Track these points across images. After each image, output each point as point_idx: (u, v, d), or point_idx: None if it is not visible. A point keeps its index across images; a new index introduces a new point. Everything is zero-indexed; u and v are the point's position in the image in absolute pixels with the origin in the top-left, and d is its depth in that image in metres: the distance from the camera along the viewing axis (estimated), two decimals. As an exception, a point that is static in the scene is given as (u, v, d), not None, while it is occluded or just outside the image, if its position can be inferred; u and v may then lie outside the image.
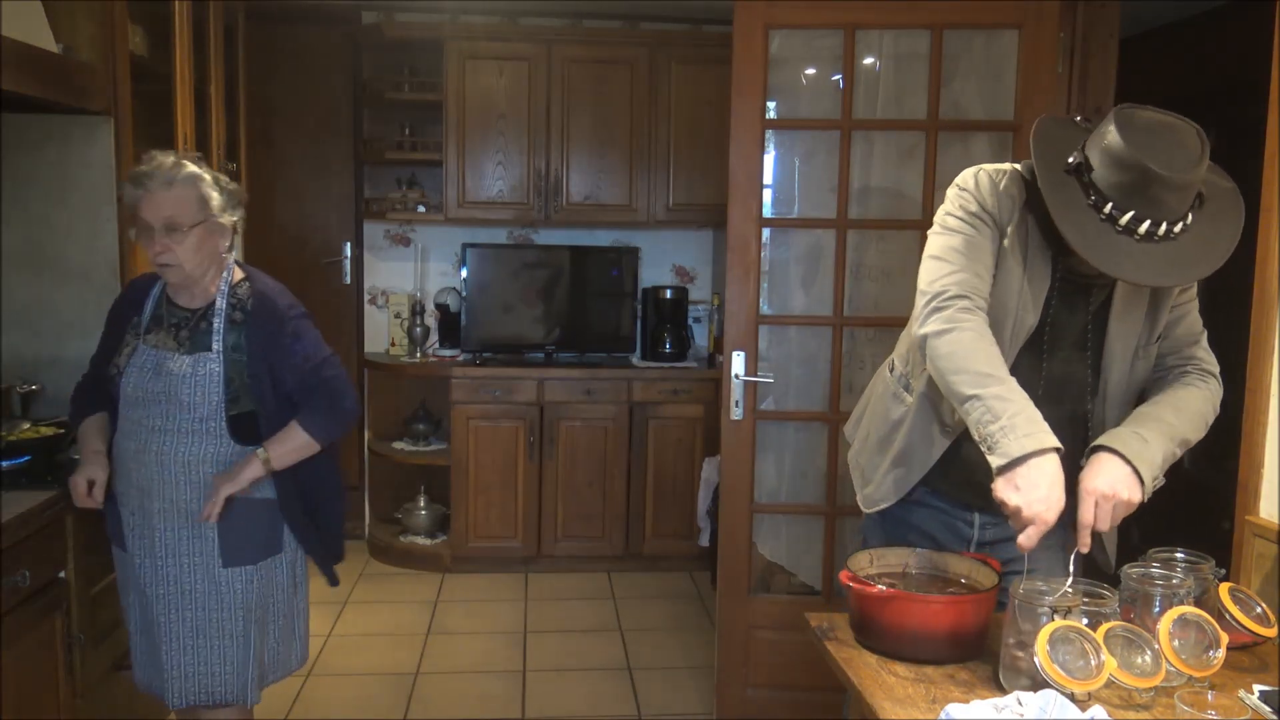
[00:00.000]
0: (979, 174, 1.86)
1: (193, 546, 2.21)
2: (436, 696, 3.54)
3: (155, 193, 2.14)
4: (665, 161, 4.91)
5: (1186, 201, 1.63)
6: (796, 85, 3.19)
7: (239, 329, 2.23)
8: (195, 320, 2.24)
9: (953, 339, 1.72)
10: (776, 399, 3.21)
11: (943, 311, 1.75)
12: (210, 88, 3.61)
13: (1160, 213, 1.62)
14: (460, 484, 4.69)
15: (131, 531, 2.25)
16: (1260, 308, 2.27)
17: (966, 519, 2.05)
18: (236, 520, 2.21)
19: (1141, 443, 1.72)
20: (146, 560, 2.23)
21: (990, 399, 1.64)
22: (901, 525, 2.09)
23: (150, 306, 2.27)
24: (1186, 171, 1.60)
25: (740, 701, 3.25)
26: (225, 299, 2.25)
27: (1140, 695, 1.55)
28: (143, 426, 2.20)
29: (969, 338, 1.71)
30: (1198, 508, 3.63)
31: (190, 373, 2.18)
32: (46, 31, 2.66)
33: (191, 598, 2.22)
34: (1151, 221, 1.62)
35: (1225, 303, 2.44)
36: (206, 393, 2.18)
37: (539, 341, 5.08)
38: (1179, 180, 1.60)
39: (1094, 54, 3.34)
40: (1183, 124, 1.65)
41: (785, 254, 3.22)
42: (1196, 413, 1.83)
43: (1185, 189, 1.62)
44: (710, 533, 4.45)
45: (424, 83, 4.92)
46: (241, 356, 2.20)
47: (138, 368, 2.20)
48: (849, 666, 1.69)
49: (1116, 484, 1.67)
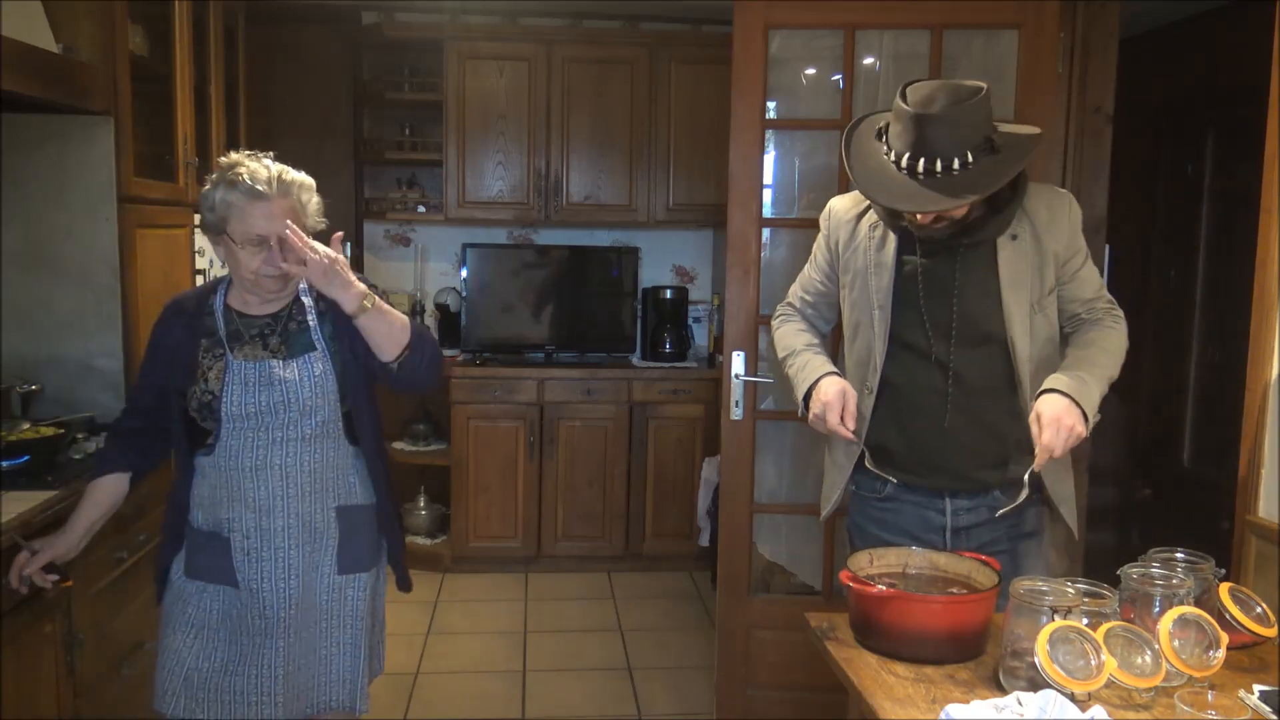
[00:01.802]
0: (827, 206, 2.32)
1: (312, 560, 2.11)
2: (436, 696, 3.55)
3: (272, 201, 1.99)
4: (665, 161, 4.91)
5: (958, 141, 1.88)
6: (796, 85, 3.19)
7: (327, 319, 2.12)
8: (280, 325, 2.10)
9: (775, 328, 2.39)
10: (776, 399, 3.21)
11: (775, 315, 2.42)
12: (210, 88, 3.61)
13: (932, 149, 1.88)
14: (460, 484, 4.69)
15: (246, 557, 2.07)
16: (1260, 308, 2.28)
17: (938, 506, 2.17)
18: (350, 527, 2.15)
19: (1081, 383, 1.99)
20: (265, 585, 2.07)
21: (791, 361, 2.27)
22: (884, 526, 2.21)
23: (221, 324, 2.10)
24: (944, 110, 1.86)
25: (740, 701, 3.25)
26: (310, 293, 2.12)
27: (1140, 695, 1.55)
28: (259, 441, 2.06)
29: (786, 328, 2.36)
30: (1198, 508, 3.63)
31: (306, 376, 2.06)
32: (46, 31, 2.66)
33: (310, 614, 2.11)
34: (925, 159, 1.89)
35: (1226, 302, 2.46)
36: (325, 392, 2.08)
37: (539, 341, 5.08)
38: (937, 116, 1.87)
39: (1094, 54, 3.33)
40: (961, 83, 1.92)
41: (785, 254, 3.22)
42: (1117, 349, 2.12)
43: (949, 126, 1.87)
44: (710, 533, 4.45)
45: (424, 83, 4.92)
46: (339, 346, 2.10)
47: (240, 383, 2.04)
48: (849, 666, 1.69)
49: (1063, 414, 1.94)
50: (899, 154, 1.94)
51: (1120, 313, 2.18)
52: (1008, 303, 2.08)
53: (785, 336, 2.34)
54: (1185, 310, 4.14)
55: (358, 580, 2.17)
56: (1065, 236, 2.11)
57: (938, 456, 2.14)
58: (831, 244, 2.27)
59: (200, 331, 2.10)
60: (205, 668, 2.10)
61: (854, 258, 2.20)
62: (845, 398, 2.11)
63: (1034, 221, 2.09)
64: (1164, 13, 4.19)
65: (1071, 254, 2.13)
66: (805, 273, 2.37)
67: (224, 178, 2.01)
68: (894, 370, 2.16)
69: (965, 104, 1.88)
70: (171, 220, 3.31)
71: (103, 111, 2.87)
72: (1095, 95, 3.38)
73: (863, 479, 2.27)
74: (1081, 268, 2.15)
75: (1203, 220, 4.12)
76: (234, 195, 1.99)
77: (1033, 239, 2.09)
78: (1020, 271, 2.08)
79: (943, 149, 1.88)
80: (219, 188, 2.01)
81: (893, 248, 2.13)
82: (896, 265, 2.12)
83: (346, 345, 2.10)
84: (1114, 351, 2.10)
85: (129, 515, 2.74)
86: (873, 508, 2.25)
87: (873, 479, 2.24)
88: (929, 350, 2.12)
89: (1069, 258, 2.13)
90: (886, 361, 2.15)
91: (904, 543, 2.06)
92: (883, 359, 2.15)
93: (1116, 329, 2.14)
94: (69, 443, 2.68)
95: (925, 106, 1.89)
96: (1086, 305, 2.16)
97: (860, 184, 2.05)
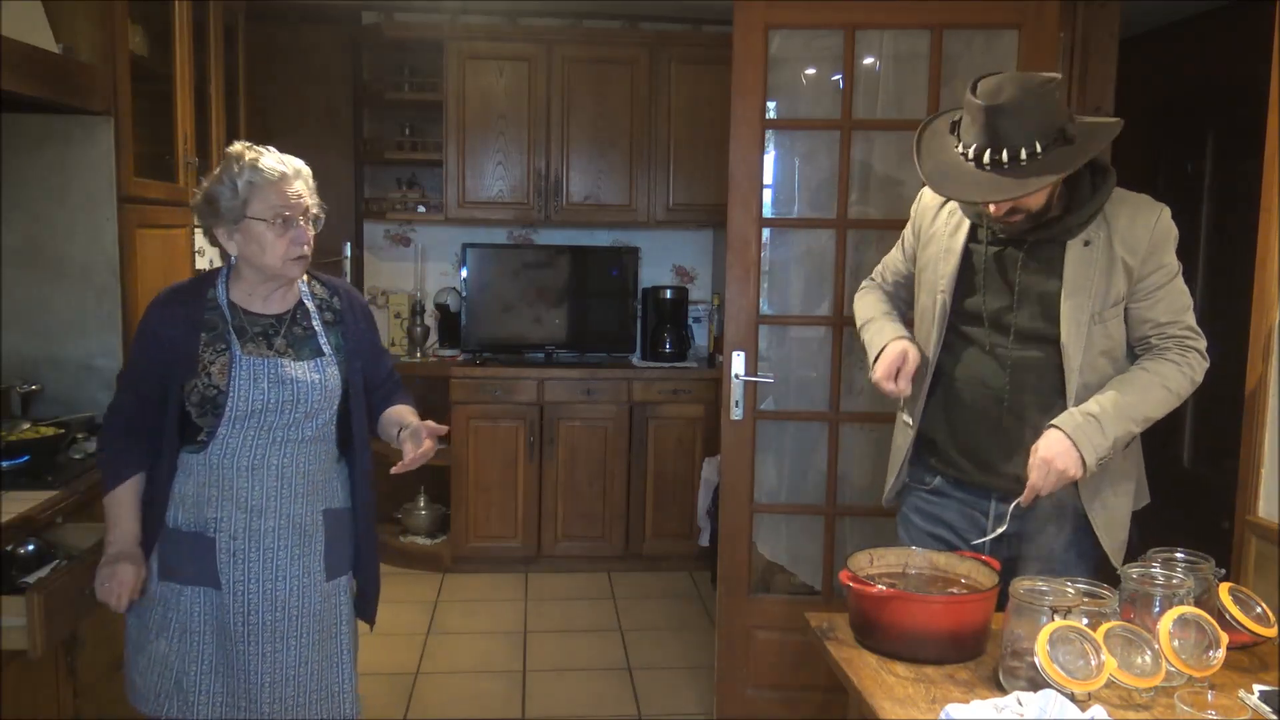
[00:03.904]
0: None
1: (301, 563, 2.09)
2: (436, 696, 3.54)
3: (293, 181, 2.01)
4: (665, 161, 4.90)
5: (1028, 131, 1.86)
6: (796, 85, 3.19)
7: (334, 330, 2.13)
8: (284, 326, 2.09)
9: (858, 299, 2.41)
10: (776, 399, 3.21)
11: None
12: (210, 88, 3.61)
13: (1001, 140, 1.86)
14: (460, 484, 4.69)
15: (232, 558, 2.04)
16: (1260, 308, 2.28)
17: (984, 508, 2.14)
18: (334, 530, 2.14)
19: (1090, 423, 1.95)
20: (251, 587, 2.04)
21: (867, 327, 2.30)
22: (927, 518, 2.22)
23: (225, 318, 2.06)
24: (1012, 99, 1.85)
25: (740, 701, 3.25)
26: (311, 300, 2.14)
27: (1140, 695, 1.55)
28: (260, 440, 2.04)
29: (868, 299, 2.38)
30: (1198, 508, 3.63)
31: (317, 379, 2.06)
32: (46, 31, 2.66)
33: (299, 621, 2.09)
34: (993, 150, 1.87)
35: (1225, 302, 2.46)
36: (331, 396, 2.09)
37: (539, 341, 5.08)
38: (1005, 106, 1.85)
39: (1094, 54, 3.34)
40: (1032, 74, 1.92)
41: (785, 254, 3.22)
42: (1164, 389, 2.00)
43: (1018, 116, 1.85)
44: (710, 533, 4.45)
45: (424, 83, 4.92)
46: (344, 357, 2.12)
47: (249, 379, 2.02)
48: (849, 666, 1.69)
49: (1055, 458, 1.92)
50: (968, 145, 1.92)
51: (1199, 345, 2.04)
52: (1065, 307, 2.01)
53: (865, 306, 2.36)
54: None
55: (340, 585, 2.18)
56: (1143, 249, 2.00)
57: (984, 451, 2.12)
58: (916, 229, 2.27)
59: (201, 324, 2.05)
60: (194, 670, 2.07)
61: (930, 243, 2.21)
62: (906, 359, 2.11)
63: (1112, 228, 2.01)
64: (1164, 13, 4.19)
65: (1151, 270, 2.02)
66: (891, 254, 2.39)
67: (240, 163, 2.00)
68: (950, 361, 2.15)
69: (1033, 93, 1.86)
70: (171, 220, 3.31)
71: (103, 111, 2.87)
72: (1095, 95, 3.39)
73: (913, 470, 2.27)
74: (1162, 288, 2.03)
75: (1203, 220, 4.12)
76: (258, 176, 1.98)
77: (1106, 246, 2.01)
78: (1085, 277, 2.01)
79: (1012, 139, 1.86)
80: (239, 172, 1.99)
81: (964, 234, 2.12)
82: (964, 252, 2.12)
83: (353, 355, 2.12)
84: (1157, 391, 1.99)
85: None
86: (920, 499, 2.25)
87: (922, 470, 2.25)
88: (985, 342, 2.10)
89: (1148, 273, 2.01)
90: (944, 351, 2.15)
91: (946, 537, 2.11)
92: (939, 347, 2.14)
93: (1177, 366, 2.01)
94: (69, 443, 2.68)
95: (993, 98, 1.86)
96: (1158, 329, 2.03)
97: (930, 179, 2.02)
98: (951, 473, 2.18)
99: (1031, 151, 1.86)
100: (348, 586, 2.21)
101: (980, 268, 2.10)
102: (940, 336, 2.14)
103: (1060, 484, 1.94)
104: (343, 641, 2.18)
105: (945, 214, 2.18)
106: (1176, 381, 2.00)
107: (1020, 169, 1.86)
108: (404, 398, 2.28)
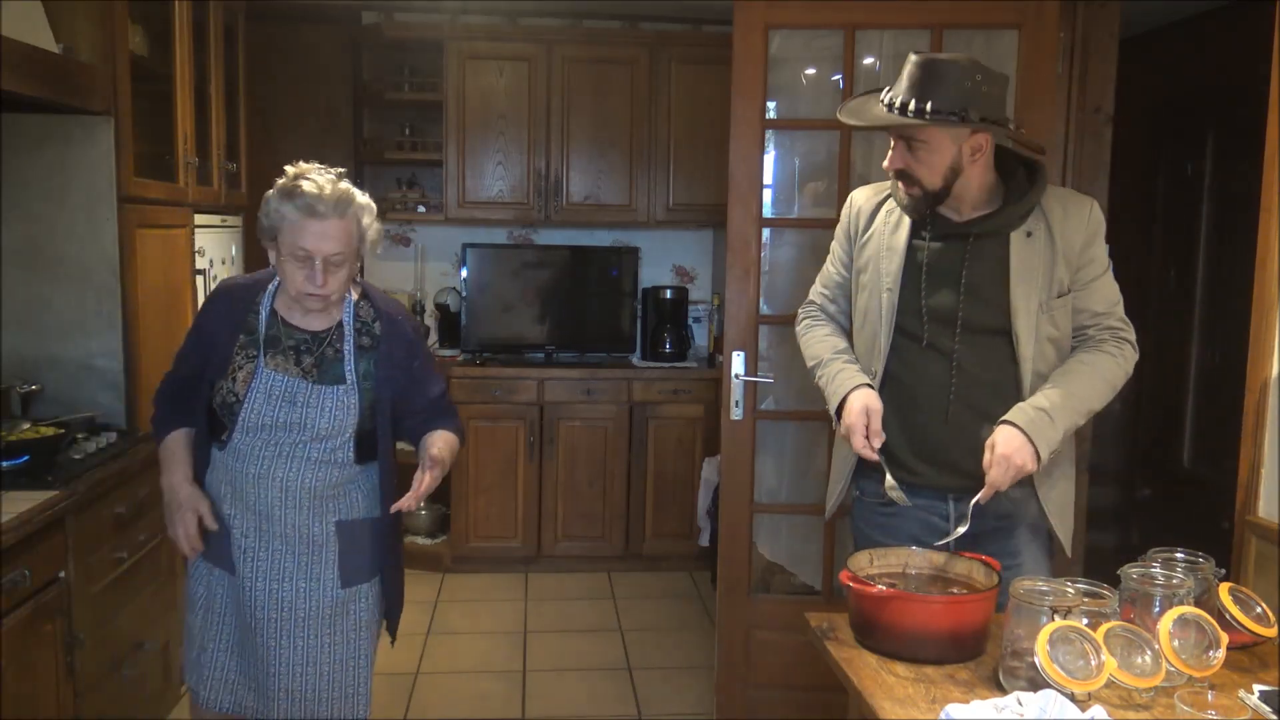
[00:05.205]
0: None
1: (311, 571, 2.11)
2: (436, 696, 3.54)
3: (328, 220, 1.96)
4: (665, 161, 4.91)
5: (939, 95, 1.96)
6: (796, 85, 3.19)
7: (369, 355, 2.11)
8: (319, 346, 2.09)
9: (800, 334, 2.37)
10: (776, 399, 3.21)
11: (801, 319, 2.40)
12: (210, 88, 3.61)
13: (910, 89, 1.98)
14: (460, 484, 4.69)
15: (243, 554, 2.11)
16: (1260, 308, 2.28)
17: (942, 511, 2.15)
18: (350, 540, 2.15)
19: (1042, 417, 2.00)
20: (259, 584, 2.10)
21: (820, 371, 2.25)
22: (881, 530, 2.19)
23: (263, 326, 2.09)
24: (943, 63, 1.99)
25: (740, 701, 3.25)
26: (351, 323, 2.12)
27: (1140, 695, 1.55)
28: (267, 453, 2.07)
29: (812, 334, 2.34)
30: (1198, 508, 3.63)
31: (329, 407, 2.06)
32: (46, 31, 2.66)
33: (306, 624, 2.11)
34: (892, 93, 2.02)
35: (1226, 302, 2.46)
36: (343, 424, 2.08)
37: (539, 341, 5.08)
38: (932, 64, 1.98)
39: (1094, 54, 3.34)
40: (987, 66, 2.00)
41: (785, 254, 3.22)
42: (1104, 379, 2.08)
43: (935, 78, 1.96)
44: (710, 533, 4.45)
45: (424, 83, 4.92)
46: (371, 384, 2.10)
47: (264, 395, 2.04)
48: (849, 666, 1.69)
49: (1013, 453, 1.97)
50: (886, 92, 2.05)
51: (1130, 336, 2.14)
52: (1015, 296, 2.07)
53: (812, 344, 2.31)
54: (1185, 310, 4.14)
55: (360, 592, 2.18)
56: (1079, 240, 2.09)
57: (941, 451, 2.12)
58: (850, 232, 2.28)
59: (241, 326, 2.09)
60: (212, 647, 2.17)
61: (869, 244, 2.21)
62: (869, 415, 2.08)
63: (1049, 220, 2.09)
64: (1164, 13, 4.19)
65: (1086, 261, 2.10)
66: (825, 268, 2.37)
67: (284, 188, 1.98)
68: (897, 363, 2.15)
69: (967, 70, 1.96)
70: (171, 220, 3.31)
71: (103, 111, 2.87)
72: (1095, 95, 3.38)
73: (867, 483, 2.23)
74: (1097, 279, 2.11)
75: (1203, 220, 4.12)
76: (288, 208, 1.97)
77: (1047, 238, 2.08)
78: (1031, 267, 2.07)
79: (920, 91, 1.97)
80: (277, 197, 1.99)
81: (905, 232, 2.14)
82: (907, 250, 2.13)
83: (382, 384, 2.12)
84: (1099, 382, 2.08)
85: (129, 515, 2.74)
86: (876, 514, 2.21)
87: (876, 483, 2.17)
88: (927, 338, 2.11)
89: (1084, 264, 2.10)
90: (890, 353, 2.14)
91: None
92: (887, 347, 2.14)
93: (1114, 356, 2.10)
94: (69, 443, 2.68)
95: (930, 56, 2.01)
96: (1094, 319, 2.12)
97: (840, 110, 2.19)
98: (907, 477, 2.13)
99: (921, 109, 1.96)
100: (369, 593, 2.20)
101: (924, 264, 2.12)
102: (890, 336, 2.14)
103: (1017, 478, 1.99)
104: (362, 645, 2.19)
105: (883, 213, 2.20)
106: (1114, 374, 2.09)
107: (908, 115, 1.98)
108: (447, 422, 2.23)
